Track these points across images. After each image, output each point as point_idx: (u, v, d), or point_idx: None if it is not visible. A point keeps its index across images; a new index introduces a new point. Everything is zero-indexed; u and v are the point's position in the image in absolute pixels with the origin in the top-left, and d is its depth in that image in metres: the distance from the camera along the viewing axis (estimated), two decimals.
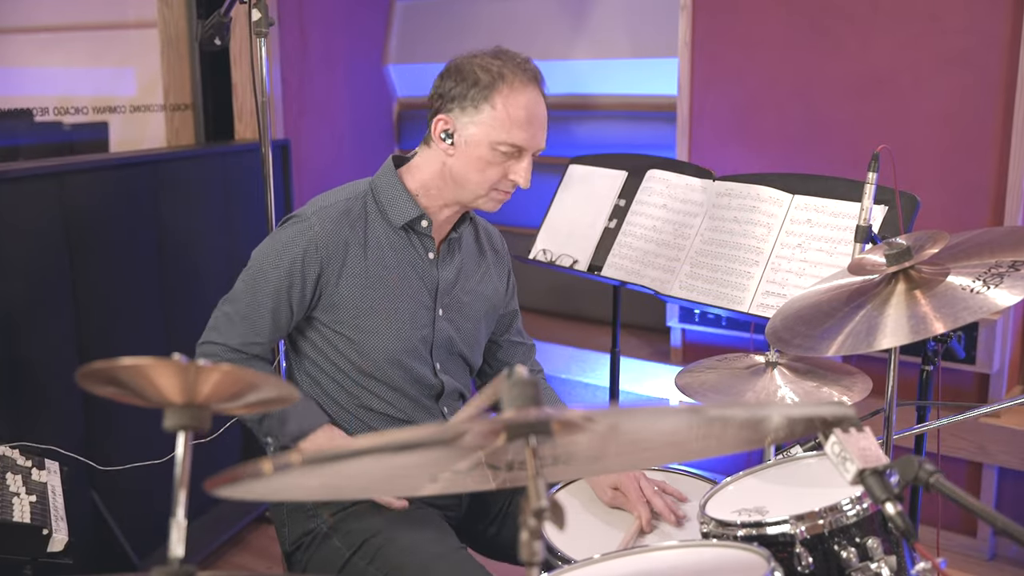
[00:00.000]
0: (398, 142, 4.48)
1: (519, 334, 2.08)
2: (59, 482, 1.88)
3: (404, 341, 1.82)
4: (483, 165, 1.75)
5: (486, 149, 1.73)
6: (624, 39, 3.79)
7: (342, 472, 0.96)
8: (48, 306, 2.54)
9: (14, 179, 2.46)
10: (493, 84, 1.72)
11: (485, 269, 1.97)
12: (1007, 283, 1.46)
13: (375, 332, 1.79)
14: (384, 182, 1.84)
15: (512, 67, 1.74)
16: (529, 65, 1.77)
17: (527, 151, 1.75)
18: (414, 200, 1.82)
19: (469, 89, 1.74)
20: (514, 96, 1.72)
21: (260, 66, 2.37)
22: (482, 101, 1.73)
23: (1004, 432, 2.85)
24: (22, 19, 3.28)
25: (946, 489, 1.02)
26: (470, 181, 1.77)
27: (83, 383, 1.00)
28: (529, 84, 1.74)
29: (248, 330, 1.79)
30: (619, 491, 1.77)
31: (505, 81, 1.72)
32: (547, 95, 1.80)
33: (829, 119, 3.10)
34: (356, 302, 1.78)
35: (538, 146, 1.77)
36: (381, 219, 1.82)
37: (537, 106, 1.75)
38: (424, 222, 1.83)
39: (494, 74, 1.73)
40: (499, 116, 1.72)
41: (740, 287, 2.21)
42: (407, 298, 1.82)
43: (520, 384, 0.93)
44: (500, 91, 1.72)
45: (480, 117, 1.73)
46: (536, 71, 1.78)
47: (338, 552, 1.76)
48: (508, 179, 1.77)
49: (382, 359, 1.81)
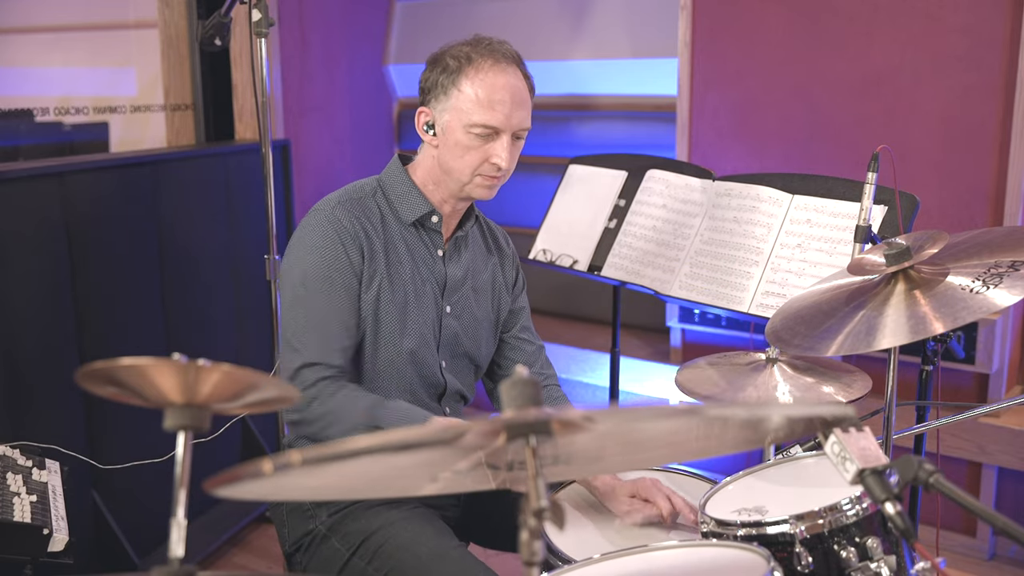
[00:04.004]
0: (398, 142, 4.48)
1: (527, 332, 2.05)
2: (60, 482, 1.88)
3: (418, 338, 1.81)
4: (461, 150, 1.74)
5: (462, 133, 1.73)
6: (624, 39, 3.79)
7: (342, 472, 0.96)
8: (49, 306, 2.54)
9: (15, 179, 2.46)
10: (460, 68, 1.72)
11: (493, 267, 1.97)
12: (1006, 283, 1.46)
13: (393, 330, 1.78)
14: (393, 179, 1.84)
15: (480, 49, 1.73)
16: (501, 46, 1.76)
17: (503, 131, 1.73)
18: (423, 195, 1.82)
19: (439, 76, 1.74)
20: (480, 76, 1.71)
21: (260, 66, 2.38)
22: (451, 86, 1.73)
23: (1003, 432, 2.85)
24: (23, 19, 3.29)
25: (945, 489, 1.02)
26: (454, 168, 1.76)
27: (83, 383, 1.00)
28: (498, 64, 1.73)
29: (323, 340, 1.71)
30: (637, 497, 1.72)
31: (472, 63, 1.72)
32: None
33: (829, 119, 3.10)
34: (376, 297, 1.77)
35: (514, 125, 1.74)
36: (392, 216, 1.82)
37: (507, 85, 1.72)
38: (435, 217, 1.83)
39: (462, 58, 1.73)
40: (467, 98, 1.71)
41: (740, 287, 2.21)
42: (417, 294, 1.82)
43: (520, 384, 0.93)
44: (466, 73, 1.72)
45: (451, 103, 1.73)
46: (510, 52, 1.77)
47: (337, 553, 1.76)
48: (490, 162, 1.74)
49: (398, 356, 1.79)
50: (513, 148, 1.76)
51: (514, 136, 1.75)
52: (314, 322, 1.72)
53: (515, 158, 1.78)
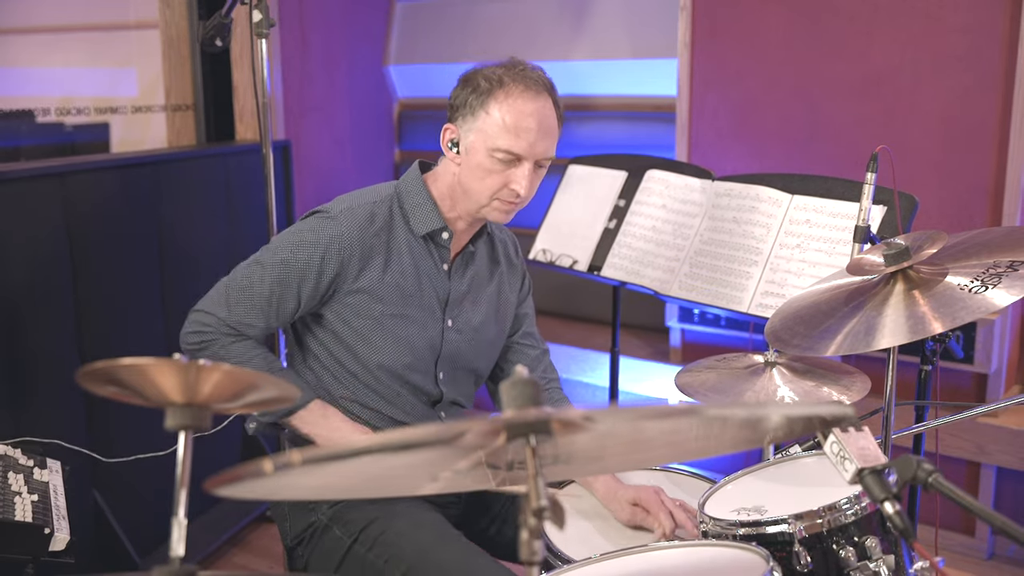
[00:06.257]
0: (398, 143, 4.48)
1: (530, 337, 2.05)
2: (61, 481, 1.88)
3: (408, 355, 1.81)
4: (483, 173, 1.72)
5: (484, 156, 1.71)
6: (624, 39, 3.79)
7: (342, 472, 0.96)
8: (49, 306, 2.54)
9: (16, 180, 2.47)
10: (491, 90, 1.71)
11: (499, 279, 1.96)
12: (1005, 283, 1.46)
13: (377, 347, 1.79)
14: (410, 188, 1.83)
15: (514, 74, 1.72)
16: (534, 73, 1.74)
17: (525, 158, 1.71)
18: (438, 209, 1.81)
19: (469, 96, 1.73)
20: (510, 102, 1.70)
21: (261, 67, 2.38)
22: (479, 108, 1.71)
23: (1002, 432, 2.86)
24: (24, 20, 3.29)
25: (944, 488, 1.02)
26: (473, 190, 1.75)
27: (84, 383, 1.00)
28: (529, 91, 1.71)
29: (247, 311, 1.78)
30: (639, 506, 1.74)
31: (503, 87, 1.70)
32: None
33: (829, 119, 3.10)
34: (366, 311, 1.77)
35: (537, 153, 1.72)
36: (404, 225, 1.81)
37: (535, 113, 1.71)
38: (445, 234, 1.82)
39: (493, 81, 1.71)
40: (494, 122, 1.70)
41: (739, 287, 2.21)
42: (419, 306, 1.82)
43: (520, 384, 0.93)
44: (496, 97, 1.70)
45: (478, 124, 1.72)
46: (543, 79, 1.75)
47: (339, 541, 1.77)
48: (509, 188, 1.73)
49: (380, 371, 1.81)
50: (534, 176, 1.75)
51: (536, 164, 1.74)
52: (252, 293, 1.77)
53: (535, 186, 1.77)
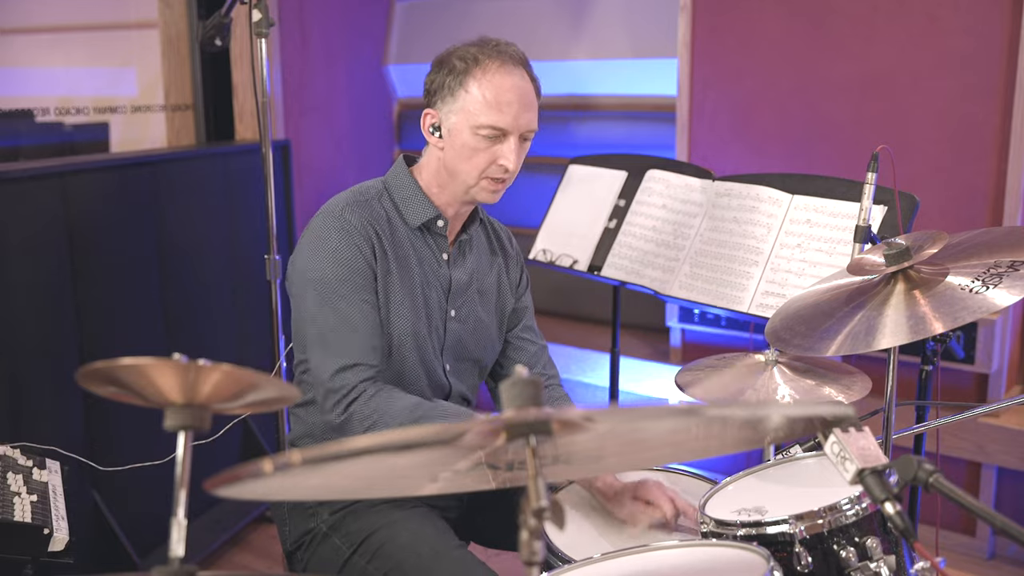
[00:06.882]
0: (398, 142, 4.48)
1: (530, 332, 2.04)
2: (60, 482, 1.88)
3: (423, 340, 1.80)
4: (469, 152, 1.73)
5: (469, 135, 1.72)
6: (624, 39, 3.79)
7: (342, 472, 0.96)
8: (49, 306, 2.54)
9: (15, 179, 2.46)
10: (467, 69, 1.71)
11: (499, 268, 1.97)
12: (1006, 283, 1.46)
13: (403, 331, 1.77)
14: (398, 181, 1.83)
15: (488, 50, 1.73)
16: (508, 48, 1.75)
17: (510, 133, 1.72)
18: (428, 199, 1.81)
19: (446, 78, 1.73)
20: (487, 78, 1.70)
21: (260, 66, 2.38)
22: (458, 88, 1.72)
23: (1003, 432, 2.86)
24: (23, 19, 3.29)
25: (945, 488, 1.02)
26: (460, 171, 1.75)
27: (84, 383, 1.00)
28: (505, 65, 1.72)
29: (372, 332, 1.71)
30: (639, 500, 1.72)
31: (479, 64, 1.71)
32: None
33: (829, 119, 3.10)
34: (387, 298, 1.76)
35: (521, 126, 1.73)
36: (399, 219, 1.81)
37: (514, 86, 1.71)
38: (440, 222, 1.82)
39: (469, 59, 1.72)
40: (475, 99, 1.70)
41: (739, 287, 2.21)
42: (425, 298, 1.81)
43: (520, 384, 0.93)
44: (474, 75, 1.71)
45: (458, 104, 1.72)
46: (517, 53, 1.76)
47: (338, 551, 1.77)
48: (497, 164, 1.74)
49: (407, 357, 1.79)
50: (520, 150, 1.76)
51: (521, 138, 1.75)
52: (345, 323, 1.70)
53: (521, 160, 1.78)
